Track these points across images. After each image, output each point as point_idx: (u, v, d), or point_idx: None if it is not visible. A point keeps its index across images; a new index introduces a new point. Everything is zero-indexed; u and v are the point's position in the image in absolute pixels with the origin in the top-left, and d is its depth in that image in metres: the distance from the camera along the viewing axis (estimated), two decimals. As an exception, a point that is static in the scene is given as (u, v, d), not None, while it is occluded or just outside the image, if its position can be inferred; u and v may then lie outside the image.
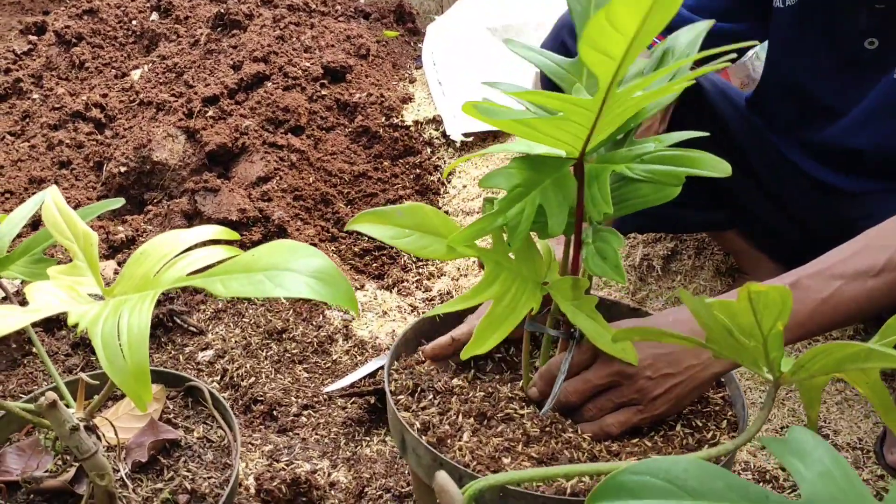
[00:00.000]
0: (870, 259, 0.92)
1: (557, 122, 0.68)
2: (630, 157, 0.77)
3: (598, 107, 0.64)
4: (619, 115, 0.68)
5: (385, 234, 0.79)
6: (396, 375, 0.98)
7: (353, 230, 0.79)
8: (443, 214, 0.82)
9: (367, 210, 0.80)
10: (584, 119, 0.67)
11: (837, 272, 0.92)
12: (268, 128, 1.82)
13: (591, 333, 0.83)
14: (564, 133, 0.70)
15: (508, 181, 0.79)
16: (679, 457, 0.55)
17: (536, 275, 0.84)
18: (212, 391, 1.05)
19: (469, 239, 0.79)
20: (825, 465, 0.56)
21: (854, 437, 1.32)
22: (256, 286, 0.69)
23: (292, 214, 1.69)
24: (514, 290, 0.81)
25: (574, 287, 0.83)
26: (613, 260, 0.77)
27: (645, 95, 0.65)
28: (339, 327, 1.55)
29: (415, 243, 0.79)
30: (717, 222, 1.48)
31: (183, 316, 1.53)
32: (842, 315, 0.91)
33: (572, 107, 0.65)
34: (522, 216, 0.78)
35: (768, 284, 0.52)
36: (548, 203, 0.79)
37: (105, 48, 2.27)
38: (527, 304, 0.82)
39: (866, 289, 0.91)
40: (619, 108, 0.66)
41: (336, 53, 2.03)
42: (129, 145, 1.82)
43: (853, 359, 0.60)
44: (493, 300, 0.81)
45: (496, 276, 0.81)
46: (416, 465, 0.87)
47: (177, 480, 0.97)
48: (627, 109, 0.67)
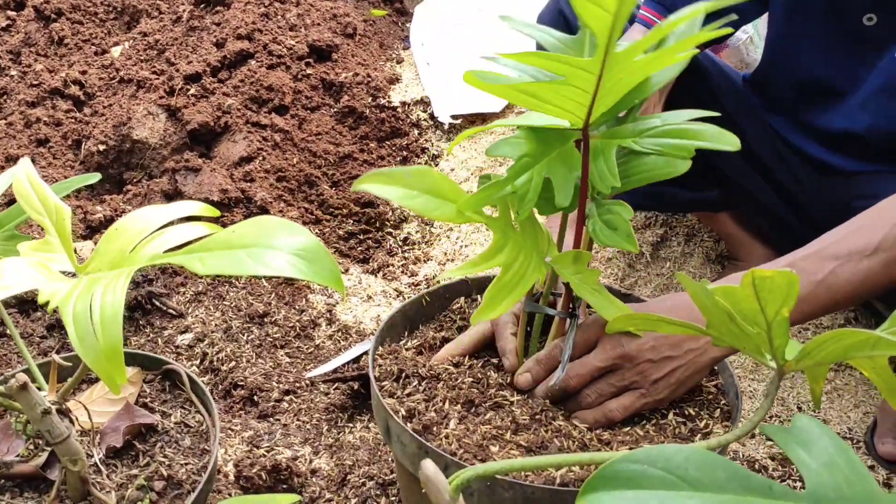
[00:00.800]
0: (864, 239, 0.90)
1: (558, 87, 0.65)
2: (637, 132, 0.75)
3: (598, 67, 0.62)
4: (622, 81, 0.66)
5: (394, 195, 0.76)
6: (381, 361, 0.95)
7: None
8: (449, 179, 0.80)
9: (375, 170, 0.78)
10: (585, 83, 0.64)
11: (832, 253, 0.90)
12: (251, 107, 1.78)
13: (597, 306, 0.80)
14: (567, 100, 0.68)
15: (516, 150, 0.78)
16: (680, 446, 0.53)
17: (539, 249, 0.82)
18: (190, 375, 1.01)
19: (479, 203, 0.76)
20: (830, 454, 0.54)
21: (844, 427, 1.30)
22: (237, 264, 0.66)
23: (275, 196, 1.65)
24: (521, 260, 0.80)
25: (576, 260, 0.80)
26: (625, 229, 0.76)
27: (647, 59, 0.62)
28: (323, 311, 1.52)
29: (424, 205, 0.77)
30: (710, 202, 1.46)
31: (162, 298, 1.49)
32: (838, 296, 0.89)
33: (572, 69, 0.62)
34: (531, 185, 0.76)
35: (773, 269, 0.50)
36: (554, 175, 0.78)
37: (85, 24, 2.22)
38: (533, 274, 0.80)
39: (861, 269, 0.89)
40: (620, 72, 0.63)
41: (322, 32, 1.98)
42: (109, 123, 1.77)
43: (860, 347, 0.58)
44: (502, 267, 0.79)
45: (503, 244, 0.79)
46: (401, 453, 0.84)
47: (153, 466, 0.93)
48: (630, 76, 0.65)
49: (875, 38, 1.22)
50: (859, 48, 1.24)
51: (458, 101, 1.88)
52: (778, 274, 0.50)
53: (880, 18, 1.21)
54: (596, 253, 1.64)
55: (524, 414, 0.86)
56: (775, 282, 0.51)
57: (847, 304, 0.91)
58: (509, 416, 0.86)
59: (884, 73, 1.20)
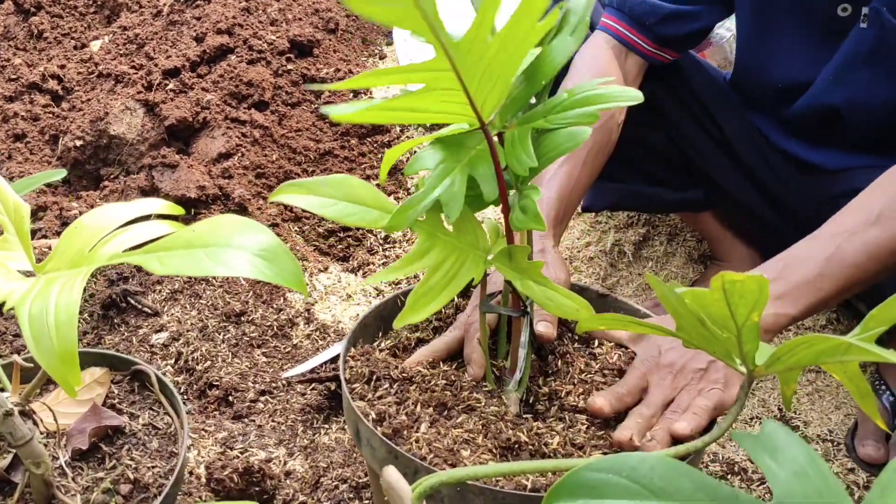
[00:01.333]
0: (864, 211, 0.91)
1: (425, 94, 0.64)
2: (547, 111, 0.76)
3: (446, 63, 0.60)
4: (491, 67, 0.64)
5: (310, 204, 0.77)
6: (353, 362, 0.94)
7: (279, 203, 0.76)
8: (372, 187, 0.80)
9: (291, 181, 0.78)
10: (448, 82, 0.63)
11: (834, 231, 0.91)
12: (230, 102, 1.75)
13: (540, 299, 0.79)
14: (447, 103, 0.67)
15: (432, 160, 0.77)
16: (646, 454, 0.51)
17: (478, 247, 0.81)
18: (159, 375, 0.99)
19: (404, 223, 0.76)
20: (799, 463, 0.53)
21: (824, 429, 1.29)
22: (196, 263, 0.64)
23: (254, 193, 1.63)
24: (452, 261, 0.79)
25: (511, 255, 0.79)
26: (532, 210, 0.75)
27: (501, 35, 0.61)
28: (301, 310, 1.50)
29: (342, 211, 0.78)
30: (693, 202, 1.44)
31: (137, 296, 1.47)
32: (853, 269, 0.89)
33: (426, 74, 0.61)
34: (454, 189, 0.76)
35: (744, 274, 0.48)
36: (477, 172, 0.77)
37: (65, 18, 2.19)
38: (467, 273, 0.79)
39: (869, 238, 0.89)
40: (480, 59, 0.61)
41: (303, 27, 1.96)
42: (86, 118, 1.75)
43: (832, 352, 0.57)
44: (428, 270, 0.78)
45: (429, 248, 0.79)
46: (371, 457, 0.83)
47: (119, 469, 0.92)
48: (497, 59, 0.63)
49: (851, 28, 1.21)
50: (835, 40, 1.22)
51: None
52: (748, 278, 0.49)
53: (854, 8, 1.19)
54: (577, 252, 1.63)
55: (496, 417, 0.84)
56: (745, 286, 0.50)
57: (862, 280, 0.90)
58: (482, 419, 0.84)
59: (854, 43, 1.19)
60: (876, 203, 0.92)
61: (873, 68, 1.18)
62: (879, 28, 1.14)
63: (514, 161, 0.76)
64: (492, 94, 0.70)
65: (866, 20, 1.16)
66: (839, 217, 0.94)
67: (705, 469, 1.20)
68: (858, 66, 1.20)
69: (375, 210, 0.78)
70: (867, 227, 0.90)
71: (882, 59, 1.16)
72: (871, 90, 1.20)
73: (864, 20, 1.16)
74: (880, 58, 1.17)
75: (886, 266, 0.91)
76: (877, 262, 0.90)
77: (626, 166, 1.38)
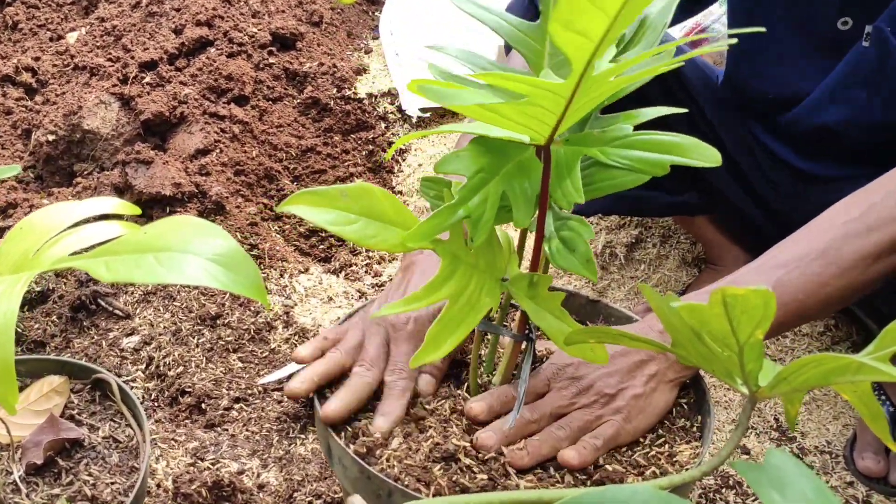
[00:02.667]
0: (809, 243, 0.85)
1: (523, 107, 0.57)
2: (604, 140, 0.66)
3: (570, 92, 0.54)
4: (594, 99, 0.58)
5: (326, 220, 0.67)
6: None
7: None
8: (394, 198, 0.70)
9: (307, 189, 0.68)
10: (553, 104, 0.57)
11: (778, 262, 0.85)
12: (209, 97, 1.69)
13: (555, 334, 0.72)
14: (530, 119, 0.60)
15: (469, 166, 0.68)
16: (637, 486, 0.46)
17: (495, 269, 0.74)
18: (121, 384, 0.94)
19: (428, 235, 0.67)
20: (808, 498, 0.47)
21: (822, 441, 1.24)
22: (146, 270, 0.58)
23: (232, 190, 1.57)
24: (472, 287, 0.70)
25: (532, 283, 0.72)
26: (584, 253, 0.67)
27: (623, 79, 0.55)
28: (280, 313, 1.44)
29: (361, 231, 0.68)
30: (688, 206, 1.38)
31: (108, 298, 1.40)
32: (790, 306, 0.82)
33: (540, 91, 0.55)
34: (486, 206, 0.67)
35: (747, 288, 0.43)
36: (512, 191, 0.68)
37: (41, 9, 2.12)
38: (486, 303, 0.71)
39: (811, 273, 0.83)
40: (593, 92, 0.55)
41: (286, 19, 1.90)
42: (59, 112, 1.68)
43: (842, 371, 0.51)
44: (449, 301, 0.70)
45: (452, 272, 0.70)
46: (342, 475, 0.77)
47: (76, 485, 0.86)
48: (602, 93, 0.57)
49: (851, 42, 1.16)
50: (832, 55, 1.18)
51: (428, 93, 1.81)
52: (751, 293, 0.43)
53: (856, 21, 1.14)
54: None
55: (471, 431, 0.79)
56: (749, 301, 0.45)
57: (803, 316, 0.85)
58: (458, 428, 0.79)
59: (853, 63, 1.14)
60: (823, 236, 0.85)
61: (871, 89, 1.13)
62: (882, 49, 1.09)
63: (560, 190, 0.67)
64: (573, 119, 0.63)
65: (869, 39, 1.10)
66: (784, 245, 0.88)
67: (698, 484, 1.15)
68: (856, 85, 1.15)
69: (398, 228, 0.69)
70: (810, 261, 0.84)
71: (882, 80, 1.11)
72: (867, 111, 1.15)
73: (867, 39, 1.10)
74: (880, 79, 1.11)
75: (830, 303, 0.85)
76: (821, 301, 0.83)
77: None
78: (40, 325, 1.36)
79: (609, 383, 0.81)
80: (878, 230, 0.85)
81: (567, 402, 0.81)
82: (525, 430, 0.80)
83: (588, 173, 0.70)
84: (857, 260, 0.84)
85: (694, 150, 0.66)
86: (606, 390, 0.81)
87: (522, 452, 0.76)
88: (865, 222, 0.86)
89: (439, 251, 0.69)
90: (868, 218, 0.86)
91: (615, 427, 0.80)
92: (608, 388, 0.81)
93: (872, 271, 0.84)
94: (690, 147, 0.66)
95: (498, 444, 0.78)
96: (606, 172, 0.69)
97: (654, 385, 0.82)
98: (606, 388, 0.81)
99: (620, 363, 0.83)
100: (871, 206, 0.87)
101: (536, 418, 0.80)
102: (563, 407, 0.81)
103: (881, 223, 0.85)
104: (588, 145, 0.68)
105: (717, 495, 1.15)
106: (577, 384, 0.81)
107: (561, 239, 0.69)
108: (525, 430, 0.80)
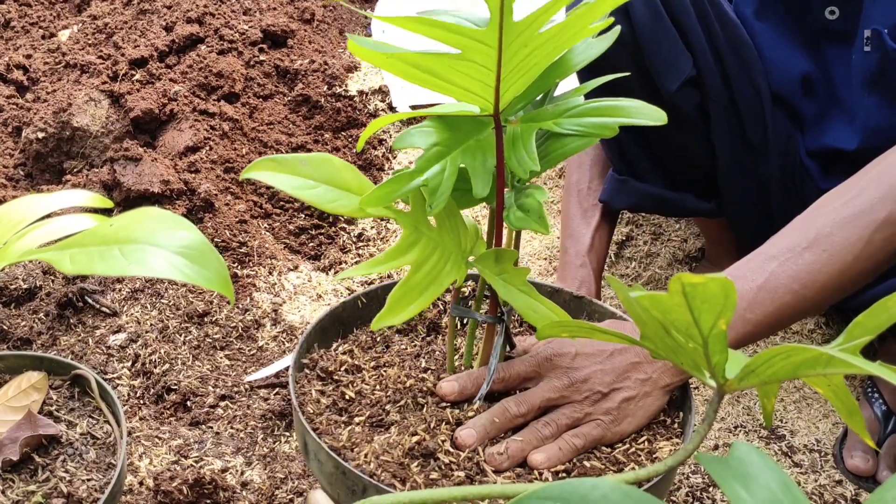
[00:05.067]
0: (799, 234, 0.85)
1: (456, 62, 0.58)
2: (558, 113, 0.68)
3: (495, 39, 0.55)
4: (531, 57, 0.58)
5: (288, 184, 0.69)
6: (307, 370, 0.87)
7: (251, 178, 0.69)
8: (354, 168, 0.72)
9: (267, 157, 0.70)
10: (485, 58, 0.57)
11: (769, 254, 0.84)
12: (199, 94, 1.69)
13: (523, 309, 0.73)
14: (470, 80, 0.61)
15: (426, 139, 0.70)
16: (599, 480, 0.45)
17: (461, 246, 0.75)
18: (100, 380, 0.93)
19: (383, 199, 0.69)
20: (772, 491, 0.47)
21: (812, 439, 1.23)
22: (109, 262, 0.58)
23: (222, 188, 1.57)
24: (436, 259, 0.73)
25: (498, 259, 0.73)
26: (536, 210, 0.69)
27: (554, 30, 0.55)
28: (268, 311, 1.44)
29: (322, 196, 0.70)
30: (710, 211, 1.35)
31: (95, 295, 1.40)
32: (785, 298, 0.81)
33: (467, 40, 0.55)
34: (444, 176, 0.69)
35: (706, 276, 0.42)
36: (471, 164, 0.70)
37: (33, 6, 2.12)
38: (449, 274, 0.73)
39: (803, 263, 0.82)
40: (524, 45, 0.56)
41: (278, 17, 1.89)
42: (49, 109, 1.68)
43: (812, 364, 0.50)
44: (412, 267, 0.71)
45: (415, 242, 0.72)
46: (319, 472, 0.77)
47: (52, 482, 0.85)
48: (539, 50, 0.57)
49: (839, 33, 1.15)
50: (825, 44, 1.17)
51: (418, 91, 1.80)
52: (711, 280, 0.42)
53: (842, 11, 1.14)
54: (556, 252, 1.56)
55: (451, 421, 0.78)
56: (709, 289, 0.44)
57: (800, 308, 0.84)
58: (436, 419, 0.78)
59: (858, 69, 1.13)
60: (812, 226, 0.85)
61: (879, 94, 1.12)
62: (882, 53, 1.07)
63: (515, 161, 0.70)
64: (516, 83, 0.65)
65: (870, 44, 1.09)
66: (775, 237, 0.87)
67: (686, 482, 1.14)
68: (865, 92, 1.13)
69: (358, 196, 0.71)
70: (802, 250, 0.83)
71: (887, 83, 1.10)
72: (880, 116, 1.13)
73: (868, 44, 1.09)
74: (885, 82, 1.10)
75: (825, 296, 0.84)
76: (815, 292, 0.83)
77: (655, 165, 1.29)
78: (27, 322, 1.36)
79: (603, 381, 0.80)
80: (868, 214, 0.84)
81: (558, 395, 0.80)
82: (510, 424, 0.79)
83: (544, 146, 0.72)
84: (849, 245, 0.84)
85: (639, 111, 0.68)
86: (599, 388, 0.80)
87: (502, 457, 0.76)
88: (853, 207, 0.85)
89: (401, 221, 0.70)
90: (856, 203, 0.86)
91: (601, 428, 0.79)
92: (601, 385, 0.80)
93: (865, 254, 0.84)
94: (636, 109, 0.68)
95: (478, 442, 0.77)
96: (559, 141, 0.71)
97: (648, 389, 0.81)
98: (599, 385, 0.80)
99: (617, 361, 0.82)
100: (860, 191, 0.87)
101: (524, 412, 0.79)
102: (552, 400, 0.80)
103: (869, 206, 0.85)
104: (542, 120, 0.70)
105: (704, 494, 1.14)
106: (571, 375, 0.80)
107: (518, 206, 0.72)
108: (510, 425, 0.79)
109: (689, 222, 1.61)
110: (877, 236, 0.84)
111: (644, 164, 1.27)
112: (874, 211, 0.84)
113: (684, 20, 1.14)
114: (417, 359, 0.88)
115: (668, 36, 1.14)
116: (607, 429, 0.79)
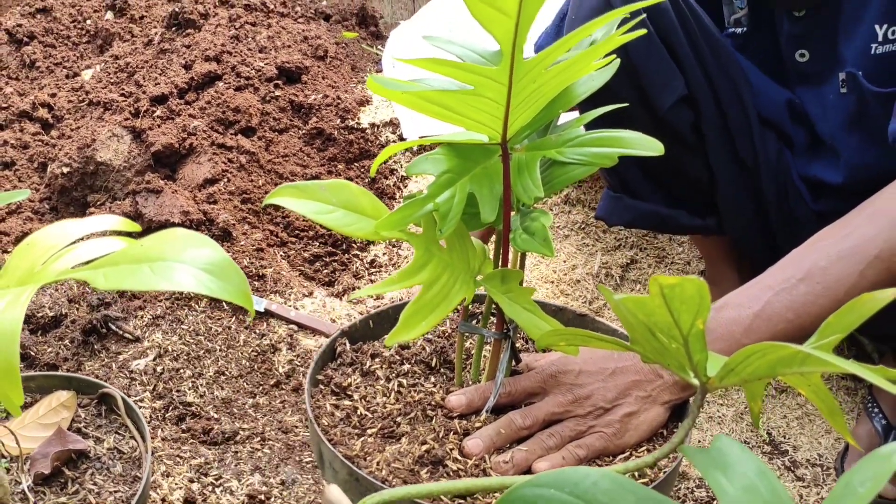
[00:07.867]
0: (794, 265, 0.89)
1: (469, 97, 0.63)
2: (560, 143, 0.73)
3: (506, 76, 0.59)
4: (538, 91, 0.63)
5: (308, 210, 0.74)
6: (322, 386, 0.92)
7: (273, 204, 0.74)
8: (370, 194, 0.77)
9: (288, 184, 0.75)
10: (496, 93, 0.62)
11: (766, 284, 0.89)
12: (217, 128, 1.75)
13: (527, 325, 0.77)
14: (481, 112, 0.65)
15: (436, 167, 0.75)
16: (590, 469, 0.49)
17: (469, 267, 0.79)
18: (125, 398, 0.98)
19: (398, 223, 0.74)
20: (750, 478, 0.51)
21: (814, 454, 1.26)
22: (140, 278, 0.63)
23: (239, 218, 1.62)
24: (446, 279, 0.77)
25: (504, 278, 0.77)
26: (541, 233, 0.73)
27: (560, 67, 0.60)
28: (284, 336, 1.48)
29: (340, 220, 0.75)
30: (707, 228, 1.39)
31: (118, 322, 1.45)
32: (779, 326, 0.86)
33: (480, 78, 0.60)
34: (453, 202, 0.74)
35: (681, 277, 0.46)
36: (479, 190, 0.75)
37: (57, 47, 2.20)
38: (459, 293, 0.77)
39: (798, 294, 0.87)
40: (532, 81, 0.60)
41: (292, 54, 1.97)
42: (74, 145, 1.75)
43: (788, 362, 0.54)
44: (423, 286, 0.76)
45: (426, 262, 0.76)
46: (333, 479, 0.81)
47: (81, 494, 0.90)
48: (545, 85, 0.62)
49: (810, 75, 1.19)
50: (800, 86, 1.22)
51: (428, 122, 1.86)
52: (685, 281, 0.47)
53: (812, 54, 1.18)
54: (564, 275, 1.61)
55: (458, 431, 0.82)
56: (685, 290, 0.48)
57: (794, 336, 0.88)
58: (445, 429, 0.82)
59: (836, 110, 1.17)
60: (808, 258, 0.90)
61: (860, 133, 1.16)
62: (859, 95, 1.11)
63: (520, 187, 0.74)
64: (523, 115, 0.70)
65: (846, 86, 1.13)
66: (772, 268, 0.92)
67: (690, 496, 1.17)
68: (846, 132, 1.17)
69: (373, 220, 0.76)
70: (797, 282, 0.88)
71: (866, 123, 1.14)
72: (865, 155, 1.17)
73: (844, 86, 1.14)
74: (864, 122, 1.14)
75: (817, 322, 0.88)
76: (811, 322, 0.87)
77: (651, 182, 1.32)
78: (52, 348, 1.41)
79: (606, 397, 0.84)
80: (860, 251, 0.89)
81: (562, 409, 0.84)
82: (515, 435, 0.83)
83: (547, 172, 0.77)
84: (842, 279, 0.88)
85: (637, 142, 0.73)
86: (602, 403, 0.84)
87: (507, 465, 0.80)
88: (847, 244, 0.90)
89: (413, 242, 0.74)
90: (850, 240, 0.90)
91: (604, 440, 0.83)
92: (604, 401, 0.84)
93: (857, 289, 0.87)
94: (634, 140, 0.73)
95: (485, 451, 0.81)
96: (562, 169, 0.76)
97: (648, 406, 0.85)
98: (602, 401, 0.84)
99: (619, 379, 0.86)
100: (854, 228, 0.91)
101: (528, 424, 0.83)
102: (556, 414, 0.84)
103: (862, 243, 0.89)
104: (546, 149, 0.75)
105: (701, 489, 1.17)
106: (575, 392, 0.85)
107: (524, 230, 0.76)
108: (515, 436, 0.83)
109: (693, 246, 1.65)
110: (868, 272, 0.88)
111: (639, 182, 1.30)
112: (867, 248, 0.89)
113: (674, 40, 1.18)
114: (427, 374, 0.93)
115: (659, 55, 1.17)
116: (610, 441, 0.83)
